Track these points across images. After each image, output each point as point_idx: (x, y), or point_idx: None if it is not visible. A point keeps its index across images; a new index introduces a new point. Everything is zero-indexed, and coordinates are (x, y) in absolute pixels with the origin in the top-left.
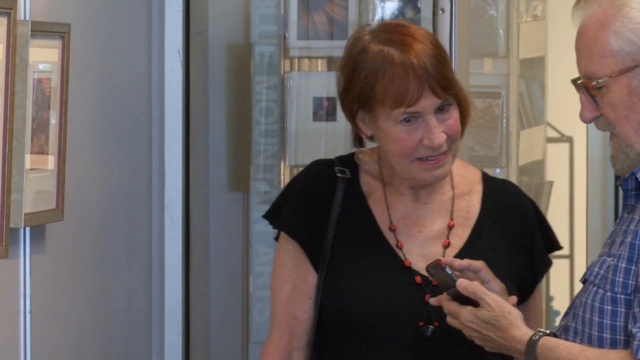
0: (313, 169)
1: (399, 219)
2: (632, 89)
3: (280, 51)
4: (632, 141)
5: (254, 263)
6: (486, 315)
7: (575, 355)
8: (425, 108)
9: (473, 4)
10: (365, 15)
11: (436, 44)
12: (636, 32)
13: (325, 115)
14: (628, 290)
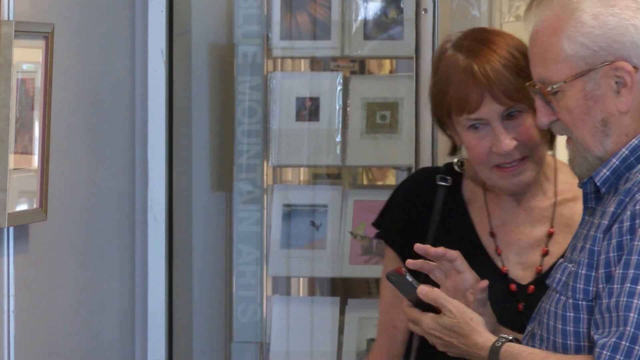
0: (416, 177)
1: (498, 226)
2: (588, 92)
3: (263, 51)
4: (590, 145)
5: (237, 263)
6: (448, 322)
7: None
8: (488, 115)
9: (455, 4)
10: (348, 15)
11: (517, 51)
12: (589, 36)
13: (308, 115)
14: (589, 296)
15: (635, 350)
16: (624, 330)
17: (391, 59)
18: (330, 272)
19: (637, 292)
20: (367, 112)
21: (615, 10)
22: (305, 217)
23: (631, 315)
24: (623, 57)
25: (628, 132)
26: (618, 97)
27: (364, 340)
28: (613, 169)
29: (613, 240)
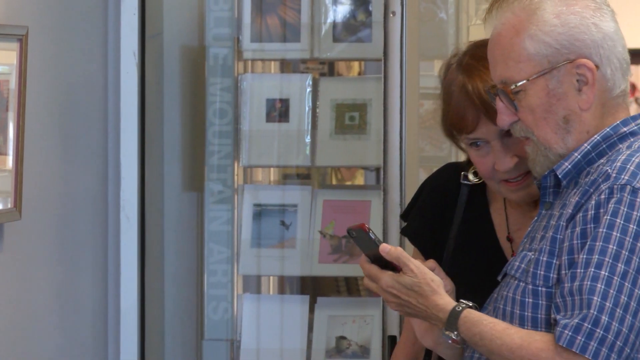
0: (442, 173)
1: (515, 230)
2: (550, 90)
3: (234, 53)
4: (551, 143)
5: (208, 261)
6: (408, 281)
7: (499, 332)
8: (486, 135)
9: (423, 7)
10: (317, 18)
11: None
12: (551, 35)
13: (278, 117)
14: (549, 283)
15: (596, 333)
16: (587, 313)
17: (360, 61)
18: (300, 270)
19: (601, 277)
20: (336, 113)
21: (577, 9)
22: (275, 217)
23: (594, 298)
24: (584, 55)
25: (589, 129)
26: (580, 94)
27: (333, 338)
28: (575, 163)
29: (577, 228)
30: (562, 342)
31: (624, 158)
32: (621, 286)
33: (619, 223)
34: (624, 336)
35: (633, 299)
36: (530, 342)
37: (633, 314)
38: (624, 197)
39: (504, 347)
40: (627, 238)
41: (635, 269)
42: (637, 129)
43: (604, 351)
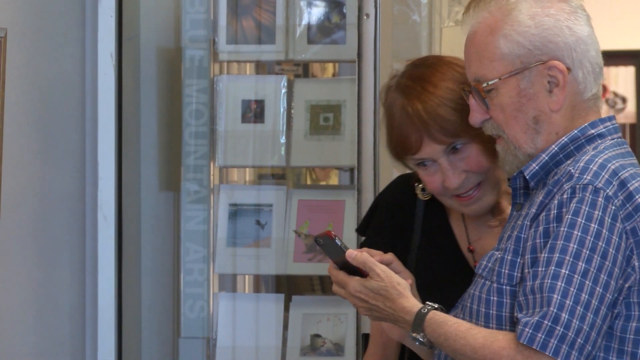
0: (395, 187)
1: (476, 240)
2: (521, 90)
3: (210, 55)
4: (521, 142)
5: (184, 261)
6: (375, 285)
7: (463, 332)
8: (431, 154)
9: (397, 9)
10: (292, 20)
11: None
12: (525, 35)
13: (253, 117)
14: (513, 281)
15: (556, 330)
16: (547, 311)
17: (334, 62)
18: (275, 269)
19: (561, 275)
20: (310, 114)
21: (551, 12)
22: (251, 216)
23: (554, 296)
24: (557, 57)
25: (558, 131)
26: (550, 96)
27: (308, 336)
28: (542, 164)
29: (540, 228)
30: (523, 339)
31: (587, 159)
32: (582, 284)
33: (580, 222)
34: (585, 334)
35: (594, 297)
36: (492, 342)
37: (594, 312)
38: (586, 197)
39: (467, 347)
40: (588, 237)
41: (596, 268)
42: (605, 131)
43: (565, 348)
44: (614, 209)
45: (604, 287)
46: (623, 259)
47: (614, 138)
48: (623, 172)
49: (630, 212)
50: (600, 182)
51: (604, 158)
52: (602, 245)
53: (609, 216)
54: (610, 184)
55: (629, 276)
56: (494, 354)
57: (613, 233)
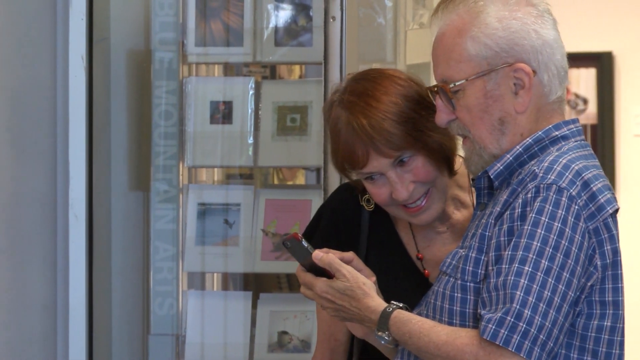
0: (339, 197)
1: (424, 247)
2: (487, 92)
3: (179, 57)
4: (486, 142)
5: (154, 259)
6: (341, 286)
7: (427, 330)
8: (378, 168)
9: (362, 12)
10: (259, 23)
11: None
12: (492, 38)
13: (221, 118)
14: (477, 278)
15: (519, 326)
16: (510, 307)
17: (301, 64)
18: (243, 267)
19: (524, 272)
20: (277, 115)
21: (519, 15)
22: (219, 216)
23: (517, 293)
24: (523, 60)
25: (523, 132)
26: (516, 97)
27: (275, 333)
28: (507, 165)
29: (504, 226)
30: (486, 335)
31: (552, 159)
32: (544, 282)
33: (543, 221)
34: (547, 330)
35: (556, 295)
36: (455, 338)
37: (557, 309)
38: (550, 196)
39: (431, 344)
40: (551, 235)
41: (559, 266)
42: (568, 133)
43: (527, 344)
44: (577, 208)
45: (566, 285)
46: (585, 257)
47: (578, 140)
48: (586, 173)
49: (593, 212)
50: (564, 182)
51: (567, 159)
52: (565, 243)
53: (572, 215)
54: (574, 184)
55: (591, 275)
56: (457, 350)
57: (576, 232)
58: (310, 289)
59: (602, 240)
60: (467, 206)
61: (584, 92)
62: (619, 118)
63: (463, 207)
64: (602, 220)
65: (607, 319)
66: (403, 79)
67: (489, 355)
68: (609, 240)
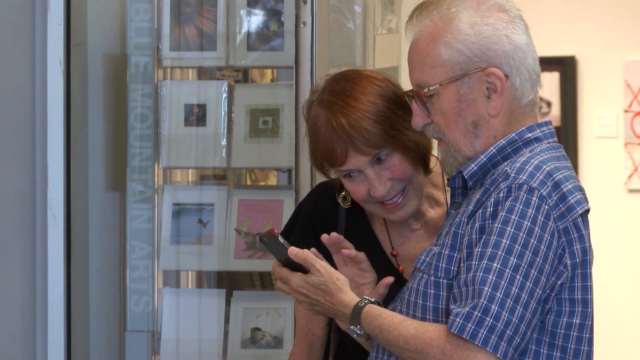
0: (316, 195)
1: (399, 244)
2: (461, 96)
3: (154, 61)
4: (461, 145)
5: (130, 257)
6: (316, 281)
7: (397, 324)
8: (357, 166)
9: (332, 17)
10: (232, 28)
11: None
12: (465, 43)
13: (195, 121)
14: (450, 275)
15: (486, 321)
16: (478, 302)
17: (272, 68)
18: (217, 266)
19: (493, 269)
20: (250, 118)
21: (490, 21)
22: (193, 215)
23: (485, 289)
24: (495, 64)
25: (496, 135)
26: (489, 101)
27: (248, 329)
28: (480, 165)
29: (476, 224)
30: (453, 329)
31: (524, 160)
32: (512, 278)
33: (513, 219)
34: (514, 326)
35: (524, 292)
36: (423, 332)
37: (524, 305)
38: (521, 196)
39: (400, 338)
40: (521, 234)
41: (527, 263)
42: (541, 135)
43: (494, 339)
44: (547, 208)
45: (534, 282)
46: (554, 256)
47: (550, 142)
48: (557, 174)
49: (563, 212)
50: (535, 182)
51: (539, 160)
52: (533, 242)
53: (542, 215)
54: (545, 185)
55: (561, 274)
56: (425, 343)
57: (545, 231)
58: (286, 283)
59: (572, 240)
60: (441, 204)
61: (548, 96)
62: (581, 120)
63: (437, 206)
64: (571, 220)
65: (576, 317)
66: (380, 79)
67: (455, 348)
68: (578, 240)
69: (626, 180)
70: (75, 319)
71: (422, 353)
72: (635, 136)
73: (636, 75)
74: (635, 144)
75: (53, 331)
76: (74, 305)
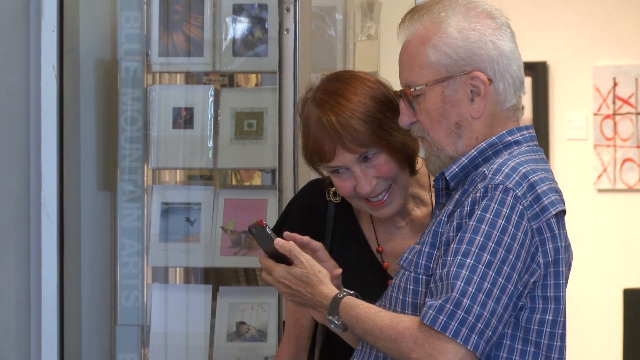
0: (307, 191)
1: (385, 242)
2: (446, 97)
3: (144, 66)
4: (444, 145)
5: (120, 255)
6: (298, 272)
7: (372, 314)
8: (344, 163)
9: (314, 25)
10: (218, 35)
11: (367, 97)
12: (452, 47)
13: (183, 124)
14: (429, 272)
15: (457, 314)
16: (450, 296)
17: (257, 73)
18: (204, 262)
19: (466, 264)
20: (235, 121)
21: (478, 27)
22: (181, 214)
23: (458, 283)
24: (480, 68)
25: (478, 136)
26: (472, 104)
27: (234, 323)
28: (462, 167)
29: (454, 223)
30: (426, 320)
31: (501, 161)
32: (485, 274)
33: (488, 217)
34: (485, 320)
35: (496, 287)
36: (397, 322)
37: (495, 300)
38: (496, 195)
39: (375, 328)
40: (495, 231)
41: (500, 260)
42: (521, 138)
43: (464, 331)
44: (522, 208)
45: (506, 279)
46: (527, 255)
47: (530, 145)
48: (533, 176)
49: (537, 212)
50: (510, 183)
51: (516, 162)
52: (507, 240)
53: (516, 214)
54: (520, 186)
55: (534, 272)
56: (398, 333)
57: (519, 230)
58: (270, 274)
59: (545, 239)
60: (426, 204)
61: None
62: (552, 123)
63: (422, 205)
64: (545, 220)
65: (548, 313)
66: (372, 81)
67: (427, 339)
68: (551, 239)
69: (595, 181)
70: (68, 313)
71: (395, 342)
72: (604, 138)
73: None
74: (604, 145)
75: (47, 325)
76: (66, 300)
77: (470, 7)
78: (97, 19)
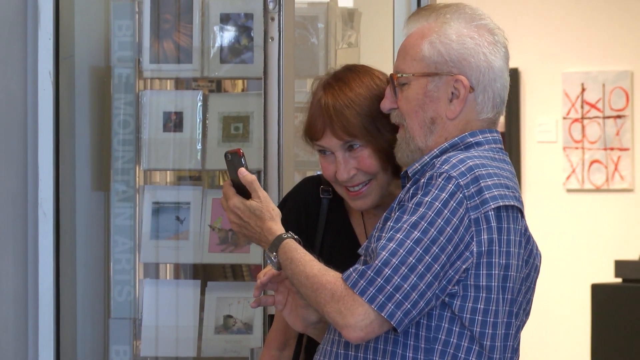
0: (302, 188)
1: None
2: (428, 91)
3: (136, 73)
4: (415, 135)
5: (113, 251)
6: (253, 205)
7: (305, 261)
8: (329, 145)
9: (298, 33)
10: (207, 43)
11: (367, 92)
12: (446, 47)
13: (173, 127)
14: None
15: (377, 281)
16: (373, 264)
17: (243, 79)
18: (192, 259)
19: (395, 239)
20: (223, 124)
21: (475, 36)
22: (171, 213)
23: (383, 253)
24: (466, 74)
25: (447, 137)
26: (449, 104)
27: (221, 317)
28: (423, 164)
29: (397, 206)
30: (348, 282)
31: (452, 154)
32: (412, 249)
33: (426, 201)
34: (404, 292)
35: (421, 264)
36: (323, 275)
37: (419, 276)
38: (438, 182)
39: (302, 274)
40: (430, 212)
41: (430, 239)
42: (483, 140)
43: (381, 299)
44: (462, 196)
45: (433, 258)
46: (460, 242)
47: (493, 147)
48: (481, 169)
49: (478, 204)
50: (455, 172)
51: (466, 155)
52: (440, 222)
53: (455, 201)
54: (465, 176)
55: (466, 259)
56: (320, 284)
57: (454, 216)
58: (226, 200)
59: (480, 230)
60: None
61: None
62: (524, 126)
63: None
64: (483, 212)
65: (480, 302)
66: (383, 80)
67: (343, 297)
68: (486, 230)
69: (564, 181)
70: (63, 308)
71: (315, 292)
72: (573, 141)
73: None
74: (573, 147)
75: (43, 319)
76: (62, 295)
77: (475, 17)
78: (91, 28)
